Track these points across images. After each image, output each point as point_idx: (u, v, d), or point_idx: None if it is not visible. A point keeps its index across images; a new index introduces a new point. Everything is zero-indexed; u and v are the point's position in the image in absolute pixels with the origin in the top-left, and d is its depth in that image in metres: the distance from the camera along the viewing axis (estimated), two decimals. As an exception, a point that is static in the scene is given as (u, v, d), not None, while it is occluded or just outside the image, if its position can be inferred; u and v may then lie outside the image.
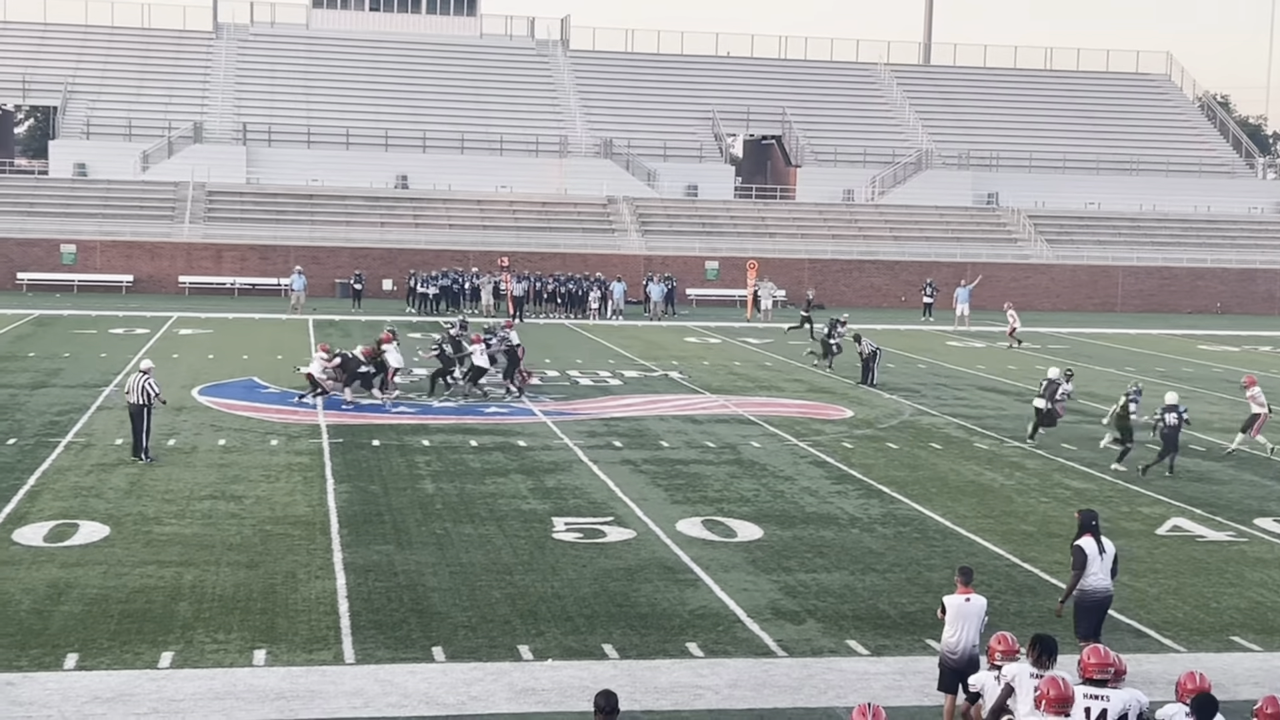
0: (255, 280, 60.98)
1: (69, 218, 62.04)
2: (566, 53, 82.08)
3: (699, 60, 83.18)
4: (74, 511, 20.14)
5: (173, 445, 25.49)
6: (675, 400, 33.21)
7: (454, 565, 17.95)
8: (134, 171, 66.60)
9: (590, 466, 24.74)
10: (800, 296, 64.07)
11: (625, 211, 68.16)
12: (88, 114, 70.42)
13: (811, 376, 38.48)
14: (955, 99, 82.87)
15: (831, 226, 69.72)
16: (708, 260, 64.99)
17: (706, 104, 78.74)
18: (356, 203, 66.13)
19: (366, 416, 29.36)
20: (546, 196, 69.07)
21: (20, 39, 75.38)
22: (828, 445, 27.63)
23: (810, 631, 15.83)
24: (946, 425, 30.66)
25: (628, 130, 74.97)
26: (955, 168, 75.97)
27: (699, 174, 73.28)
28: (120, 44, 76.65)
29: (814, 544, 19.64)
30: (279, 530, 19.46)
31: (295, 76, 76.17)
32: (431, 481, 23.05)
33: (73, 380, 33.20)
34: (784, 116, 78.19)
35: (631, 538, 19.66)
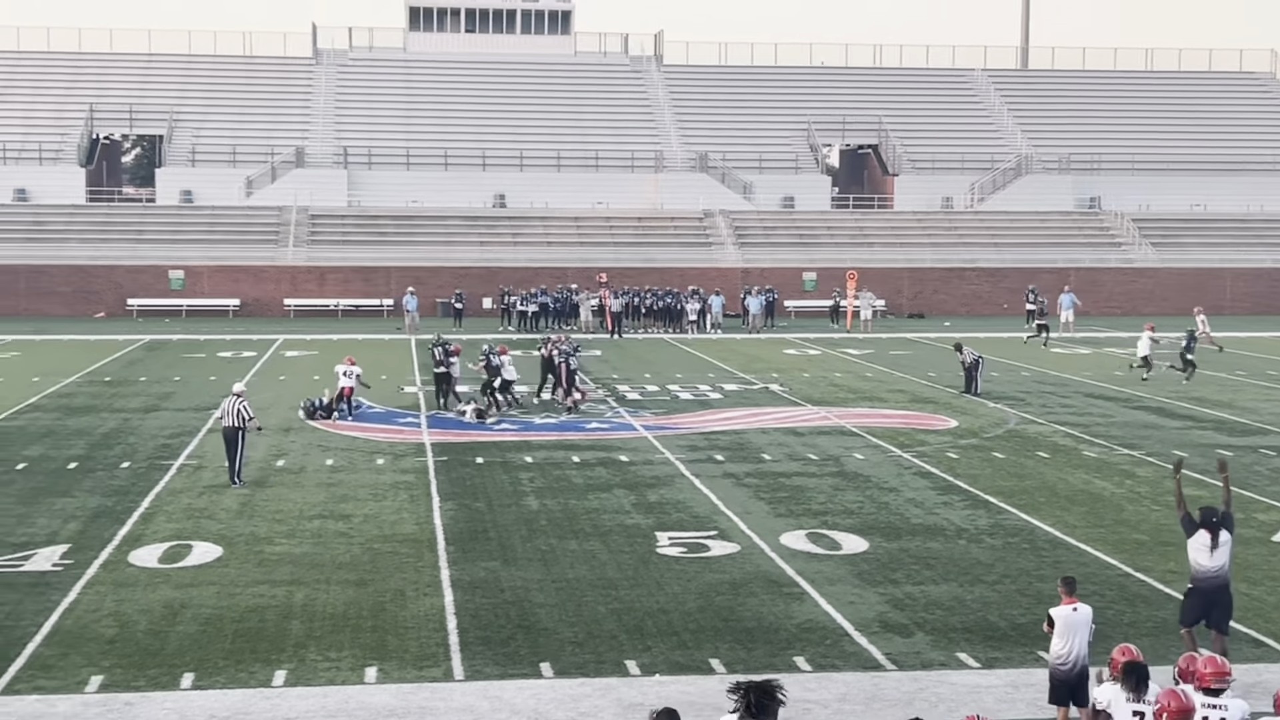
0: (358, 301, 61.79)
1: (176, 244, 63.30)
2: (660, 68, 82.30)
3: (793, 71, 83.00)
4: (187, 533, 20.52)
5: (281, 466, 25.88)
6: (776, 413, 33.11)
7: (559, 581, 18.03)
8: (238, 197, 67.83)
9: (692, 480, 24.73)
10: (895, 305, 63.65)
11: (721, 224, 68.15)
12: (193, 142, 71.86)
13: (914, 387, 38.18)
14: (1054, 102, 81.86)
15: (930, 234, 69.16)
16: (805, 272, 64.75)
17: (802, 115, 78.53)
18: (455, 223, 66.75)
19: (469, 434, 29.60)
20: (643, 211, 69.28)
21: (127, 70, 77.11)
22: (932, 456, 27.39)
23: (919, 644, 15.69)
24: (1053, 433, 30.26)
25: (723, 143, 74.98)
26: (1056, 172, 75.04)
27: (795, 185, 73.06)
28: (223, 72, 78.13)
29: (921, 556, 19.47)
30: (387, 548, 19.68)
31: (394, 99, 77.14)
32: (535, 498, 23.18)
33: (183, 404, 33.84)
34: (880, 125, 77.75)
35: (735, 551, 19.63)
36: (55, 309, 60.24)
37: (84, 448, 27.57)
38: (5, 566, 18.50)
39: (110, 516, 21.46)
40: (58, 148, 69.95)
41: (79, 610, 16.58)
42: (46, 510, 21.86)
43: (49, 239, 62.90)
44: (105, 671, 14.52)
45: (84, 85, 75.14)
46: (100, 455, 26.78)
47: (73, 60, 77.51)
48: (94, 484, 23.98)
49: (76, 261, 61.38)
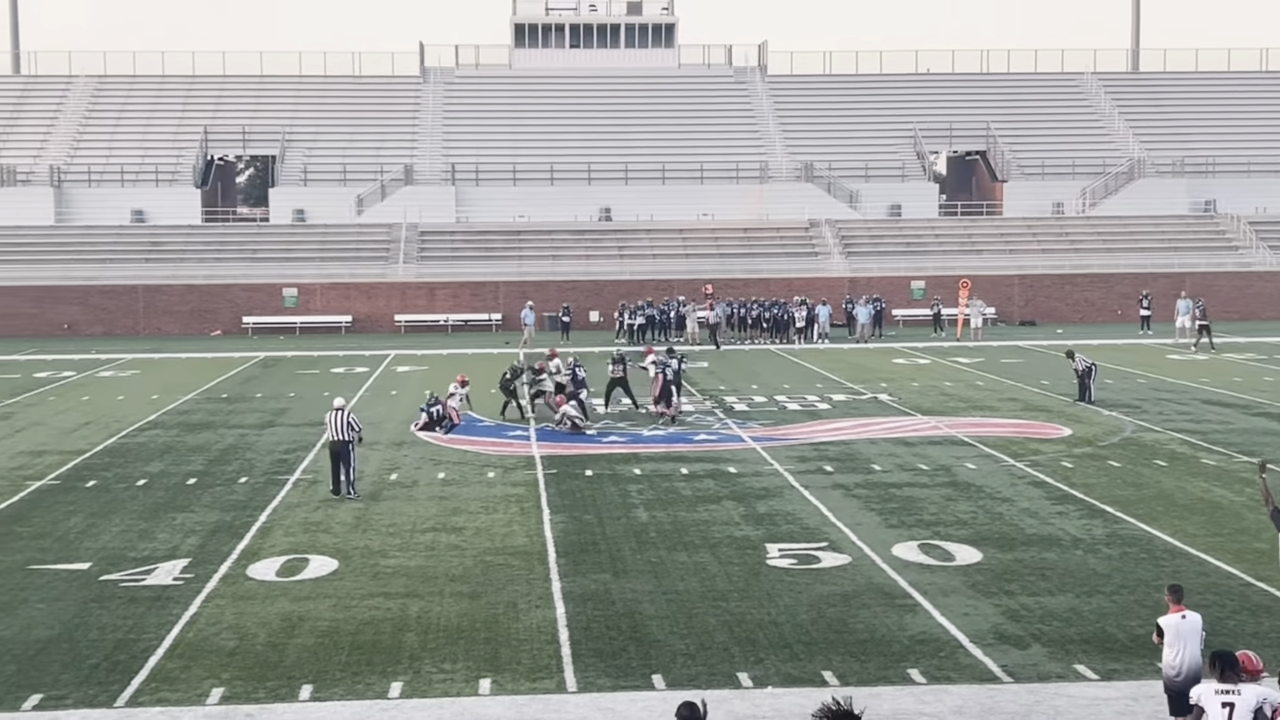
0: (467, 316, 62.38)
1: (290, 262, 64.39)
2: (764, 78, 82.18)
3: (899, 79, 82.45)
4: (304, 546, 20.85)
5: (394, 479, 26.21)
6: (886, 423, 32.86)
7: (670, 593, 18.05)
8: (349, 215, 68.86)
9: (801, 492, 24.63)
10: (1006, 313, 62.90)
11: (828, 234, 67.83)
12: (305, 161, 73.09)
13: (1027, 395, 37.68)
14: (1166, 105, 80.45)
15: (1041, 241, 68.24)
16: (913, 280, 64.23)
17: (908, 122, 77.96)
18: (562, 237, 67.16)
19: (578, 447, 29.74)
20: (748, 222, 69.18)
21: (240, 92, 78.66)
22: (1046, 465, 27.01)
23: (1036, 656, 15.48)
24: (1170, 441, 29.70)
25: (828, 152, 74.65)
26: (1169, 175, 73.70)
27: (902, 193, 72.55)
28: (333, 93, 79.38)
29: (1036, 566, 19.21)
30: (499, 560, 19.84)
31: (500, 116, 77.82)
32: (645, 510, 23.22)
33: (298, 419, 34.39)
34: (988, 131, 76.92)
35: (847, 563, 19.51)
36: (172, 328, 61.56)
37: (202, 463, 28.13)
38: (128, 581, 18.93)
39: (229, 531, 21.88)
40: (174, 169, 71.52)
41: (200, 623, 16.92)
42: (167, 525, 22.33)
43: (166, 259, 64.29)
44: (226, 684, 14.80)
45: (199, 108, 76.78)
46: (218, 471, 27.31)
47: (187, 84, 79.22)
48: (212, 499, 24.46)
49: (193, 281, 62.69)
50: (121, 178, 70.59)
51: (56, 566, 19.69)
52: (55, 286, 61.72)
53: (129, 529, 22.09)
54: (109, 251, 64.62)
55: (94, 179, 70.66)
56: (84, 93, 77.80)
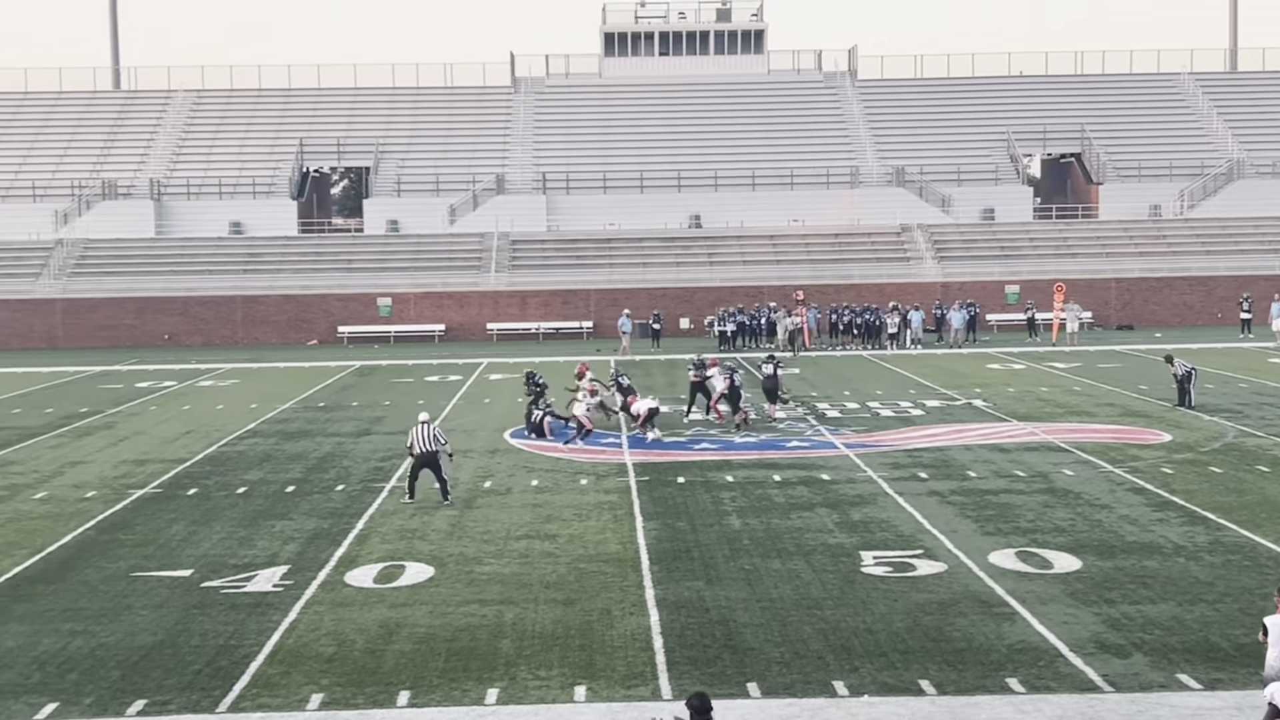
0: (558, 324, 62.67)
1: (384, 272, 65.09)
2: (855, 83, 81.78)
3: (991, 81, 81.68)
4: (400, 554, 21.05)
5: (488, 487, 26.38)
6: (981, 429, 32.54)
7: (764, 600, 17.99)
8: (442, 225, 69.48)
9: (896, 499, 24.46)
10: (1103, 317, 62.05)
11: (920, 238, 67.32)
12: (398, 172, 73.88)
13: (1125, 401, 37.14)
14: (1266, 104, 78.90)
15: (1138, 244, 67.22)
16: (1007, 284, 63.54)
17: (1000, 125, 77.20)
18: (652, 244, 67.24)
19: (669, 454, 29.76)
20: (839, 228, 68.83)
21: (335, 105, 79.70)
22: (1146, 471, 26.60)
23: (1138, 665, 15.25)
24: (1273, 447, 29.13)
25: (919, 157, 74.15)
26: (1270, 176, 72.30)
27: (995, 197, 71.82)
28: (426, 104, 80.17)
29: (1137, 574, 18.92)
30: (593, 568, 19.89)
31: (590, 125, 78.17)
32: (737, 517, 23.18)
33: (394, 427, 34.71)
34: (1083, 133, 75.94)
35: (943, 571, 19.34)
36: (270, 337, 62.45)
37: (300, 471, 28.50)
38: (229, 587, 19.23)
39: (327, 538, 22.15)
40: (270, 182, 72.59)
41: (299, 630, 17.14)
42: (266, 533, 22.66)
43: (263, 270, 65.26)
44: (325, 690, 14.97)
45: (295, 121, 77.90)
46: (316, 479, 27.65)
47: (284, 97, 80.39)
48: (310, 507, 24.77)
49: (289, 291, 63.56)
50: (219, 190, 71.78)
51: (159, 573, 20.05)
52: (156, 298, 62.89)
53: (229, 536, 22.44)
54: (207, 263, 65.73)
55: (193, 192, 71.93)
56: (183, 107, 79.22)
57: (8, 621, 17.75)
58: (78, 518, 24.17)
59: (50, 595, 19.02)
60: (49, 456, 31.23)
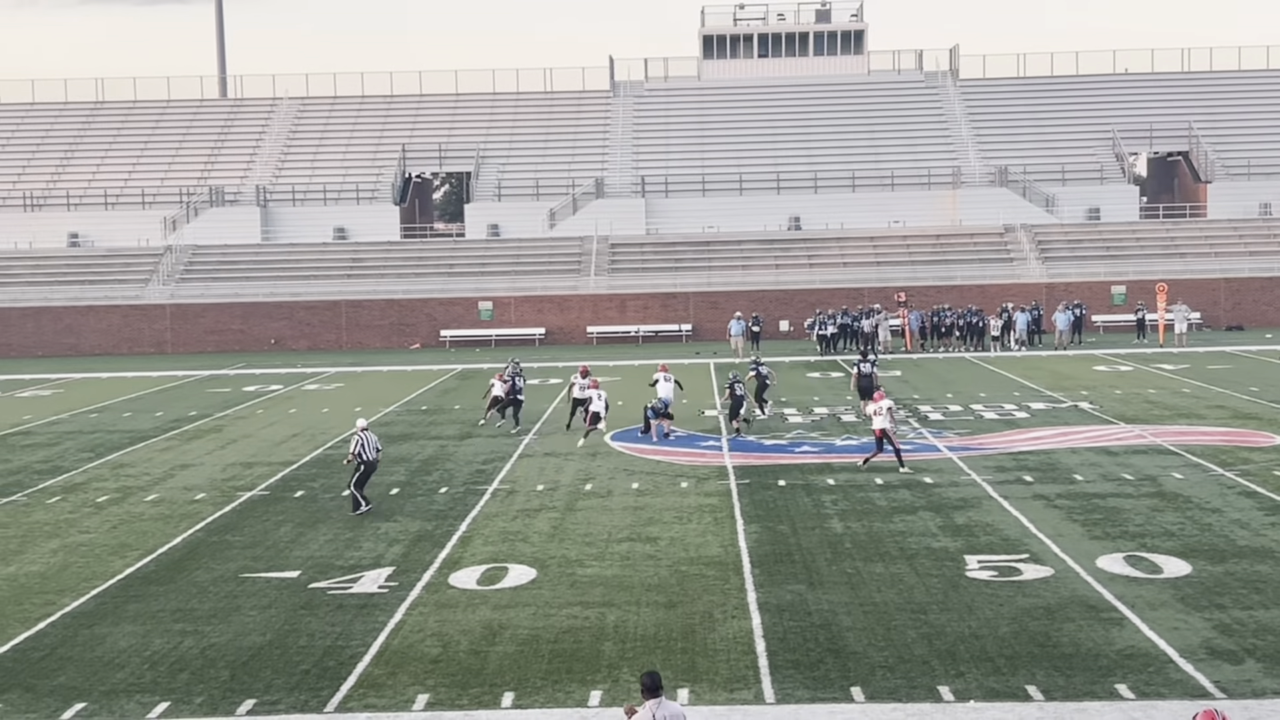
0: (657, 327, 62.77)
1: (484, 276, 65.63)
2: (956, 83, 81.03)
3: (1095, 79, 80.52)
4: (503, 555, 21.19)
5: (589, 489, 26.46)
6: (1087, 431, 32.06)
7: (867, 604, 17.87)
8: (542, 229, 69.91)
9: (1000, 502, 24.18)
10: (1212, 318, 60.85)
11: (1023, 239, 66.52)
12: (498, 177, 74.45)
13: (1236, 403, 36.41)
14: (1382, 98, 77.03)
15: (1248, 243, 65.91)
16: (1113, 285, 62.58)
17: (1105, 124, 76.08)
18: (751, 246, 67.12)
19: (770, 457, 29.67)
20: (940, 229, 68.24)
21: (436, 111, 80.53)
22: (1257, 474, 26.06)
23: (1250, 672, 14.93)
24: (1392, 450, 28.42)
25: (1023, 156, 73.31)
26: (1386, 172, 70.58)
27: (1100, 196, 70.78)
28: (526, 109, 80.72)
29: (1249, 579, 18.54)
30: (694, 570, 19.88)
31: (689, 128, 78.22)
32: (839, 520, 23.05)
33: (495, 430, 34.95)
34: (1190, 131, 74.60)
35: (1049, 575, 19.08)
36: (373, 341, 63.22)
37: (404, 474, 28.80)
38: (336, 589, 19.47)
39: (430, 540, 22.36)
40: (373, 187, 73.49)
41: (404, 630, 17.31)
42: (372, 535, 22.92)
43: (366, 275, 66.08)
44: (430, 690, 15.11)
45: (397, 127, 78.83)
46: (420, 481, 27.93)
47: (385, 103, 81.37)
48: (415, 509, 25.02)
49: (392, 296, 64.30)
50: (324, 196, 72.81)
51: (268, 575, 20.36)
52: (262, 303, 63.93)
53: (335, 538, 22.73)
54: (312, 268, 66.69)
55: (297, 198, 73.04)
56: (287, 115, 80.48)
57: (120, 621, 18.12)
58: (188, 519, 24.62)
59: (161, 596, 19.39)
60: (159, 459, 31.86)
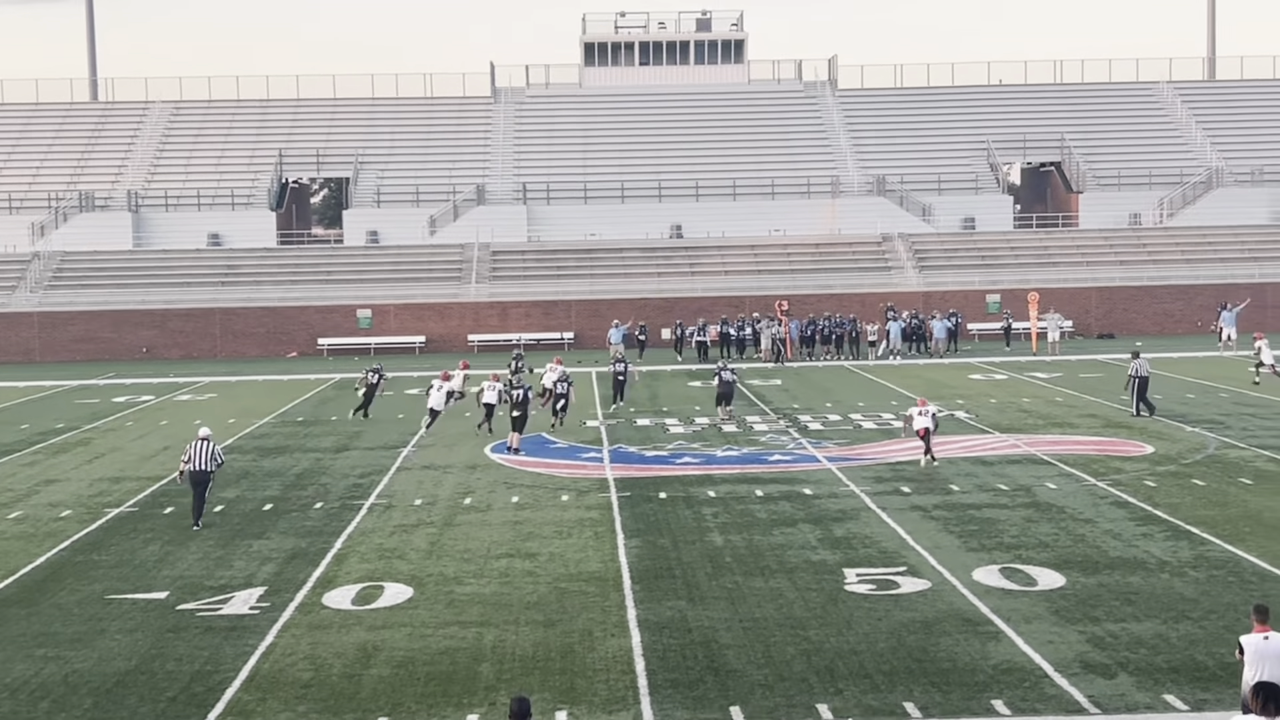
0: (540, 335, 62.45)
1: (364, 283, 64.81)
2: (835, 92, 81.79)
3: (971, 90, 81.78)
4: (379, 574, 20.82)
5: (469, 504, 26.15)
6: (963, 441, 32.42)
7: (747, 621, 17.82)
8: (422, 236, 69.24)
9: (879, 514, 24.32)
10: (1084, 326, 62.05)
11: (900, 248, 67.30)
12: (378, 183, 73.60)
13: (1107, 412, 37.06)
14: (1244, 113, 79.13)
15: (1118, 252, 67.32)
16: (988, 294, 63.53)
17: (980, 134, 77.29)
18: (633, 254, 67.11)
19: (651, 468, 29.58)
20: (820, 237, 68.79)
21: (314, 115, 79.39)
22: (1129, 484, 26.51)
23: (1123, 686, 15.11)
24: (1256, 458, 29.08)
25: (900, 166, 74.17)
26: (1248, 184, 72.48)
27: (975, 206, 71.86)
28: (406, 114, 79.91)
29: (1121, 591, 18.80)
30: (574, 587, 19.70)
31: (571, 135, 78.03)
32: (720, 534, 23.01)
33: (373, 442, 34.48)
34: (1063, 142, 76.07)
35: (927, 588, 19.19)
36: (249, 350, 62.10)
37: (278, 489, 28.24)
38: (205, 610, 18.97)
39: (305, 558, 21.90)
40: (249, 193, 72.26)
41: (276, 654, 16.90)
42: (244, 553, 22.40)
43: (242, 282, 64.92)
44: (302, 716, 14.75)
45: (273, 131, 77.60)
46: (294, 496, 27.40)
47: (262, 107, 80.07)
48: (289, 525, 24.51)
49: (268, 303, 63.22)
50: (198, 202, 71.44)
51: (134, 596, 19.78)
52: (133, 310, 62.49)
53: (205, 556, 22.18)
54: (186, 275, 65.38)
55: (170, 203, 71.58)
56: (160, 118, 78.87)
57: (-20, 647, 17.49)
58: (52, 538, 23.88)
59: (22, 619, 18.74)
60: (24, 474, 30.90)
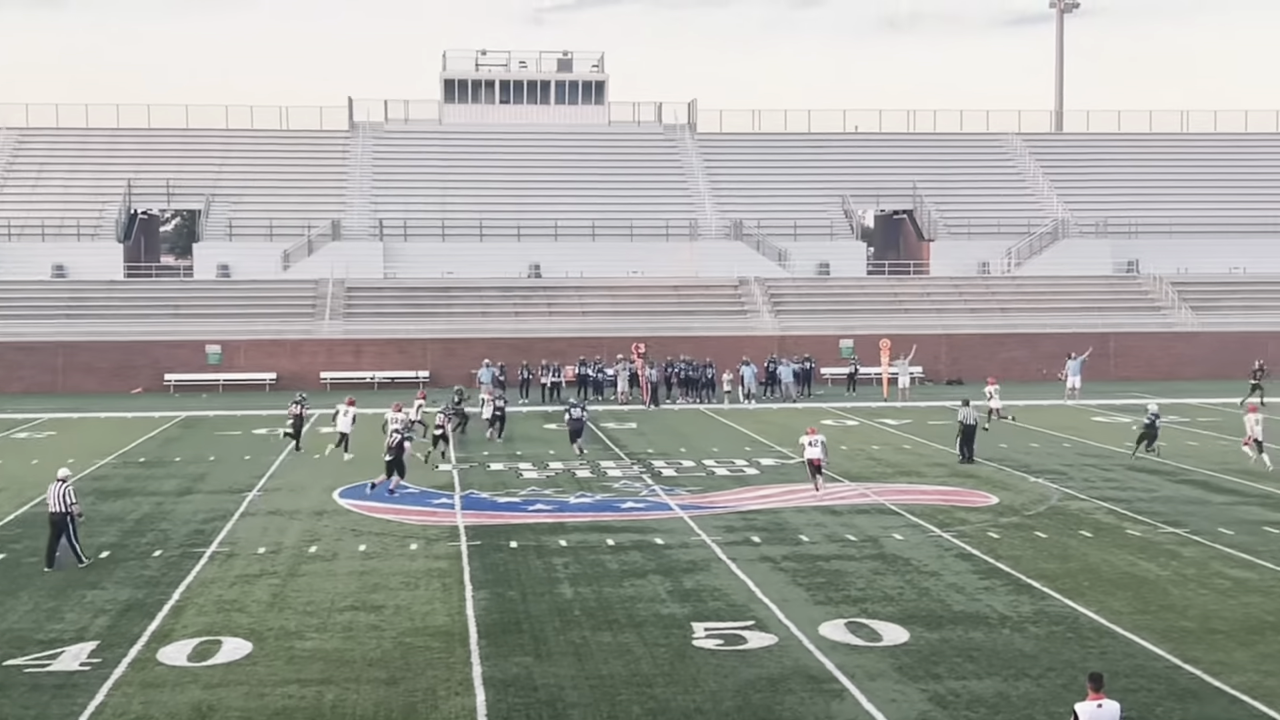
0: (394, 373, 61.76)
1: (213, 318, 63.57)
2: (694, 136, 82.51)
3: (827, 137, 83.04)
4: (218, 627, 20.26)
5: (314, 552, 25.63)
6: (813, 492, 32.62)
7: (593, 678, 17.66)
8: (275, 270, 68.16)
9: (729, 565, 24.34)
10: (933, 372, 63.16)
11: (757, 292, 67.95)
12: (230, 216, 72.31)
13: (953, 460, 37.62)
14: (1090, 166, 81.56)
15: (967, 300, 68.75)
16: (842, 339, 64.36)
17: (836, 181, 78.51)
18: (491, 293, 66.80)
19: (503, 516, 29.32)
20: (678, 280, 69.17)
21: (165, 145, 77.81)
22: (973, 535, 26.91)
23: (962, 746, 15.24)
24: (1096, 510, 29.73)
25: (757, 210, 74.97)
26: (1093, 236, 74.62)
27: (830, 252, 72.88)
28: (261, 147, 78.76)
29: (963, 647, 19.01)
30: (419, 642, 19.36)
31: (429, 171, 77.56)
32: (570, 585, 22.83)
33: (217, 485, 33.70)
34: (915, 190, 77.58)
35: (773, 643, 19.22)
36: (93, 385, 60.41)
37: (116, 534, 27.42)
38: (33, 666, 18.28)
39: (140, 610, 21.23)
40: (96, 224, 70.50)
41: (105, 714, 16.32)
42: (76, 604, 21.65)
43: (87, 315, 63.24)
44: (130, 782, 14.25)
45: (123, 161, 75.85)
46: (133, 543, 26.60)
47: (111, 136, 78.28)
48: (125, 574, 23.78)
49: (114, 337, 61.64)
50: (43, 232, 69.50)
51: (-42, 651, 19.00)
52: (-28, 342, 60.50)
53: (36, 608, 21.39)
54: (27, 307, 63.53)
55: (14, 233, 69.50)
56: (4, 145, 76.72)
57: None
58: (-127, 587, 22.87)
59: None
60: None
